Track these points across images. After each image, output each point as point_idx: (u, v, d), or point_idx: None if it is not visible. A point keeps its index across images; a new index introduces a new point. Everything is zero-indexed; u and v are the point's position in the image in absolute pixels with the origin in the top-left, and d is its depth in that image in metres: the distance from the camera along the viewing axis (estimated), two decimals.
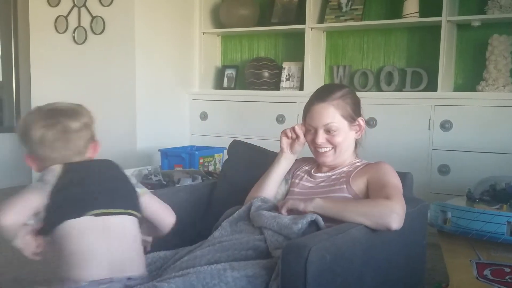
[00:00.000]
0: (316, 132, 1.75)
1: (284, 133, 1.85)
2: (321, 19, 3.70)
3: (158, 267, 1.55)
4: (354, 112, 1.76)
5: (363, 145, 1.86)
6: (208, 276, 1.33)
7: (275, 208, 1.70)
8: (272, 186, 1.82)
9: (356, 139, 1.81)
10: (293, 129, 1.81)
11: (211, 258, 1.47)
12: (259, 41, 4.14)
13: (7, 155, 4.95)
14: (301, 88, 3.77)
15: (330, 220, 1.56)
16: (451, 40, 3.34)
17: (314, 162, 1.87)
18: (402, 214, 1.52)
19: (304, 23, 3.65)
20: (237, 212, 1.75)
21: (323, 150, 1.75)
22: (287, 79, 3.86)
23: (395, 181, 1.65)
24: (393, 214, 1.49)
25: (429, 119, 3.23)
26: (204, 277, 1.32)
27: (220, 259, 1.46)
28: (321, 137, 1.74)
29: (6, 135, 4.97)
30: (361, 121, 1.78)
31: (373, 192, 1.64)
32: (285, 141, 1.84)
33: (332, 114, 1.72)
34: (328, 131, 1.73)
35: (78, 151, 1.49)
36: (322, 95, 1.77)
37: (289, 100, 3.69)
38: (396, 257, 1.67)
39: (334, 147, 1.74)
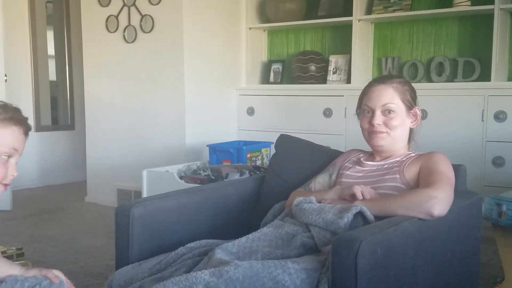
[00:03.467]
0: (373, 113, 1.72)
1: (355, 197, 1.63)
2: (368, 11, 3.65)
3: (201, 253, 1.56)
4: (412, 99, 1.75)
5: (416, 139, 1.83)
6: (272, 265, 1.35)
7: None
8: None
9: (410, 132, 1.78)
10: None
11: (267, 252, 1.48)
12: (305, 34, 4.12)
13: (64, 152, 5.13)
14: (348, 81, 3.73)
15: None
16: (504, 28, 3.23)
17: (364, 152, 1.85)
18: (445, 200, 1.49)
19: (351, 15, 3.61)
20: (281, 214, 1.75)
21: (378, 133, 1.72)
22: (334, 72, 3.82)
23: (444, 169, 1.61)
24: (432, 200, 1.47)
25: (483, 110, 3.13)
26: (269, 265, 1.34)
27: (275, 254, 1.47)
28: (378, 118, 1.70)
29: (61, 133, 5.16)
30: (417, 110, 1.76)
31: (421, 180, 1.62)
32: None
33: (391, 95, 1.71)
34: (385, 112, 1.71)
35: None
36: (382, 78, 1.79)
37: (336, 93, 3.66)
38: (449, 251, 1.63)
39: (390, 130, 1.71)
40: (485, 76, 3.26)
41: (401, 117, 1.71)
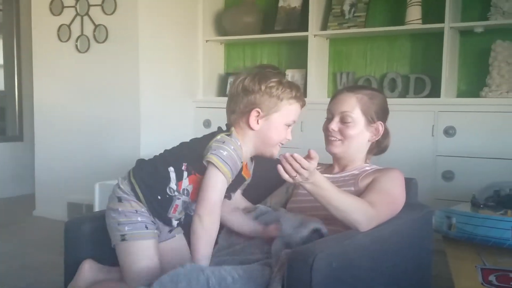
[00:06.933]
0: (332, 118, 1.74)
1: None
2: (324, 26, 3.71)
3: None
4: (376, 114, 1.74)
5: (381, 155, 1.84)
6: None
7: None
8: None
9: (371, 146, 1.79)
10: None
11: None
12: (262, 48, 4.14)
13: (11, 164, 4.96)
14: (304, 95, 3.74)
15: (332, 222, 1.55)
16: (454, 46, 3.34)
17: (322, 165, 1.87)
18: (377, 223, 1.52)
19: (307, 30, 3.66)
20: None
21: (332, 138, 1.74)
22: None
23: (394, 191, 1.63)
24: (369, 220, 1.49)
25: (433, 125, 3.22)
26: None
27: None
28: (335, 124, 1.73)
29: (9, 144, 4.98)
30: (380, 125, 1.76)
31: (368, 190, 1.62)
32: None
33: (352, 104, 1.71)
34: (343, 120, 1.72)
35: None
36: (352, 86, 1.81)
37: None
38: (403, 263, 1.66)
39: (344, 139, 1.72)
40: (435, 92, 3.35)
41: (358, 128, 1.72)
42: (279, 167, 1.39)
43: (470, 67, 3.42)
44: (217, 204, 1.44)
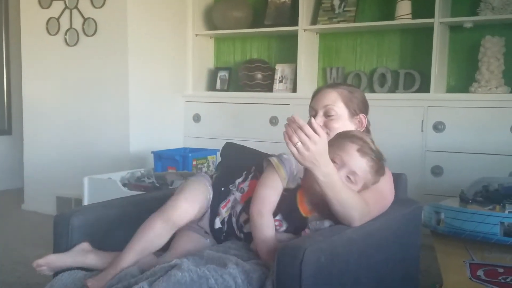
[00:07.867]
0: (316, 114, 1.76)
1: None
2: (314, 21, 3.71)
3: None
4: (358, 107, 1.77)
5: None
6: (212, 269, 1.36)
7: None
8: None
9: None
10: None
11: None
12: (252, 43, 4.14)
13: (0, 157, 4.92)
14: (294, 90, 3.77)
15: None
16: (443, 41, 3.36)
17: None
18: (369, 219, 1.54)
19: (297, 24, 3.66)
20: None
21: None
22: (280, 81, 3.85)
23: (383, 188, 1.64)
24: (365, 216, 1.51)
25: (422, 121, 3.24)
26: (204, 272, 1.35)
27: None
28: (319, 118, 1.74)
29: None
30: (363, 117, 1.78)
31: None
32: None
33: (334, 98, 1.75)
34: (327, 114, 1.74)
35: None
36: (331, 83, 1.84)
37: (282, 102, 3.69)
38: (391, 258, 1.67)
39: (329, 132, 1.72)
40: (424, 87, 3.37)
41: (342, 121, 1.74)
42: (284, 131, 1.38)
43: (459, 62, 3.44)
44: (267, 200, 1.52)
